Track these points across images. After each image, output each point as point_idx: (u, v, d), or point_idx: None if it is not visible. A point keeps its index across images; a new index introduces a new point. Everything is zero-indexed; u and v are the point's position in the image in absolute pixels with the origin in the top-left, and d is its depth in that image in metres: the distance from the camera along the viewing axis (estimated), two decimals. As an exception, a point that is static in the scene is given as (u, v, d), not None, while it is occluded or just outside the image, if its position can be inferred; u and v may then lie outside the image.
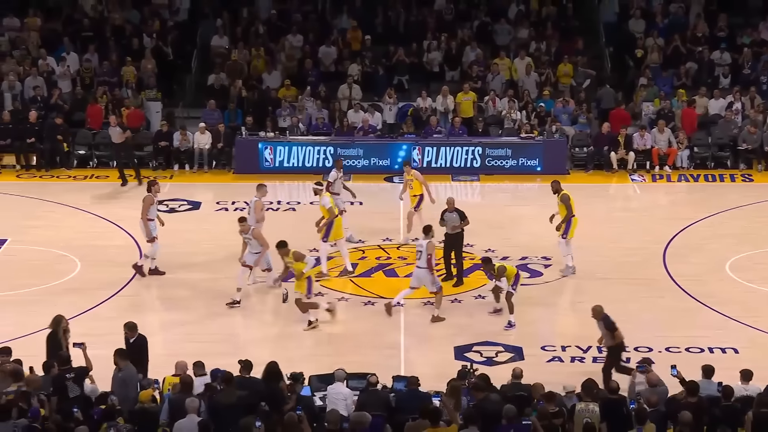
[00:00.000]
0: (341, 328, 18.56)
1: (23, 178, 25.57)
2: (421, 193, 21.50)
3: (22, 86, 27.69)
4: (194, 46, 29.94)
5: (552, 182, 20.63)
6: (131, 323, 15.37)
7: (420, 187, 21.47)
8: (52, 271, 20.18)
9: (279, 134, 26.90)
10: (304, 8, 30.92)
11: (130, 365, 14.27)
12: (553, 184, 20.42)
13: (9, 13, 29.50)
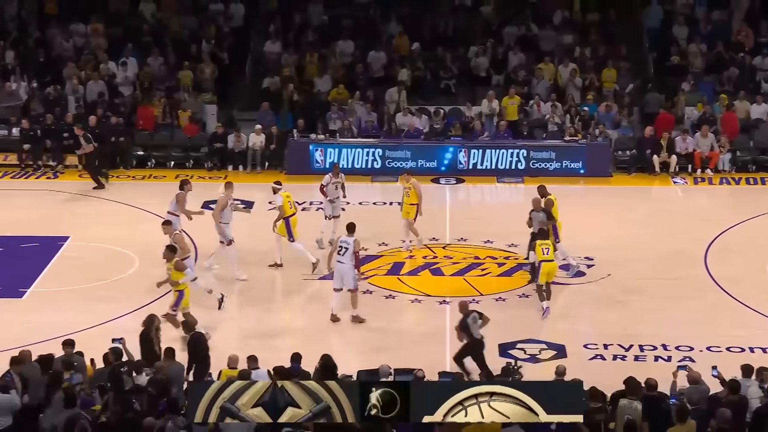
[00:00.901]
0: (389, 324, 18.51)
1: (85, 177, 25.78)
2: (418, 203, 20.88)
3: (84, 90, 27.90)
4: (248, 51, 30.04)
5: (538, 186, 20.68)
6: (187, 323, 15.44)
7: (416, 196, 20.89)
8: (111, 268, 20.33)
9: (329, 136, 26.92)
10: (355, 14, 30.91)
11: (176, 363, 14.32)
12: (540, 189, 20.46)
13: (74, 19, 29.76)
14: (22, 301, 18.97)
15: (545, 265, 18.63)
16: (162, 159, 26.97)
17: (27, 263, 20.48)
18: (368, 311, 18.91)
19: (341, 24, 30.43)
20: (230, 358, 14.76)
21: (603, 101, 28.23)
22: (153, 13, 30.35)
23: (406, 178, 21.26)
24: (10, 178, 25.65)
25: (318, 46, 29.73)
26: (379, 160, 26.48)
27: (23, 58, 28.67)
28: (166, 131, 27.39)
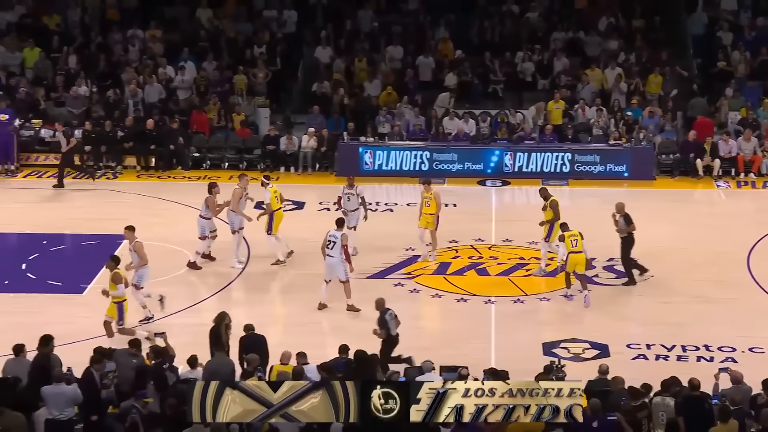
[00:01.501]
0: (435, 323, 18.54)
1: (143, 178, 26.07)
2: (437, 213, 20.41)
3: (142, 93, 28.18)
4: (300, 56, 30.20)
5: (540, 189, 20.79)
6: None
7: (436, 206, 20.40)
8: (167, 265, 20.51)
9: (378, 139, 26.99)
10: (404, 20, 30.96)
11: (222, 356, 14.41)
12: (541, 191, 20.55)
13: (134, 25, 30.10)
14: (82, 296, 19.20)
15: (573, 257, 18.89)
16: (216, 160, 27.19)
17: (87, 260, 20.71)
18: (415, 310, 18.97)
19: (391, 30, 30.49)
20: (283, 355, 14.86)
21: (647, 106, 28.03)
22: (209, 18, 30.61)
23: (427, 187, 20.62)
24: (72, 178, 25.98)
25: (368, 52, 29.81)
26: (426, 163, 26.51)
27: (86, 63, 29.03)
28: (220, 134, 27.62)
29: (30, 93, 27.85)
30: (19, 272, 19.79)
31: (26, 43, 29.24)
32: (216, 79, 28.80)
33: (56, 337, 15.50)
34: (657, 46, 29.94)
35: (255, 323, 15.82)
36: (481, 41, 30.47)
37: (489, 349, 17.33)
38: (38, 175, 26.15)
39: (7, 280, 18.89)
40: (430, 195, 20.46)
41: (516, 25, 30.69)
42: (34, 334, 16.85)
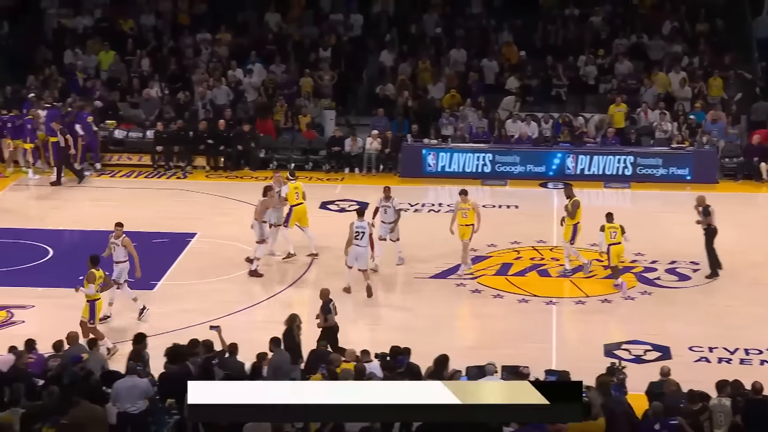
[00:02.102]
0: (496, 323, 18.45)
1: (212, 177, 26.31)
2: (473, 223, 19.89)
3: (211, 95, 28.40)
4: (366, 59, 30.25)
5: (565, 188, 20.67)
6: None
7: (473, 216, 19.94)
8: (234, 263, 20.69)
9: (441, 141, 26.95)
10: (468, 24, 30.87)
11: (282, 351, 14.48)
12: (566, 190, 20.42)
13: (203, 29, 30.39)
14: (153, 292, 19.41)
15: (613, 248, 19.14)
16: (283, 161, 27.34)
17: (158, 257, 20.93)
18: (476, 310, 18.90)
19: (454, 33, 30.42)
20: (347, 352, 14.90)
21: (710, 109, 27.61)
22: (277, 23, 30.80)
23: (464, 198, 20.10)
24: (144, 177, 26.32)
25: (432, 55, 29.76)
26: (489, 165, 26.41)
27: (158, 66, 29.39)
28: (287, 135, 27.78)
29: (105, 95, 28.24)
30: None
31: (102, 47, 29.67)
32: (283, 82, 28.97)
33: (128, 332, 15.80)
34: (721, 49, 29.48)
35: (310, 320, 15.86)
36: (544, 45, 30.27)
37: (550, 350, 17.21)
38: (112, 175, 26.51)
39: (81, 276, 19.09)
40: (468, 206, 19.99)
41: (579, 29, 30.43)
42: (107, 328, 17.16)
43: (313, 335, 15.76)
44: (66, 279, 18.88)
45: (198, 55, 29.76)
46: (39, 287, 19.34)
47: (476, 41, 30.33)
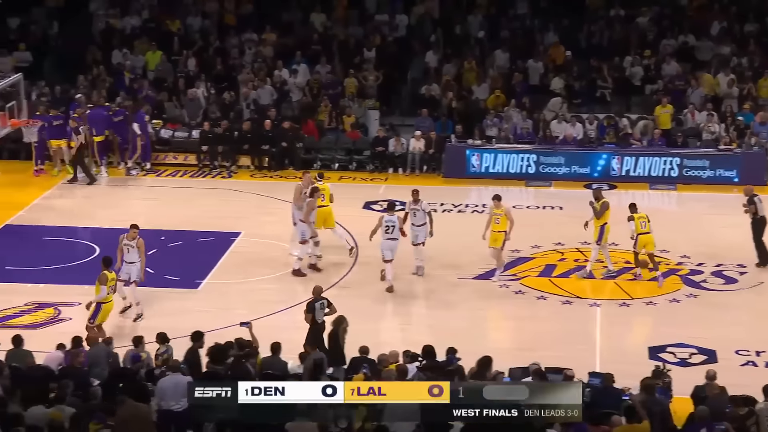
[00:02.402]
0: (540, 324, 18.31)
1: (256, 177, 26.40)
2: (506, 230, 19.58)
3: (256, 95, 28.50)
4: (410, 60, 30.20)
5: (594, 189, 20.58)
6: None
7: (506, 223, 19.64)
8: (278, 262, 20.74)
9: (486, 142, 26.83)
10: (512, 25, 30.71)
11: (317, 353, 14.45)
12: (595, 192, 20.31)
13: (249, 29, 30.51)
14: (197, 291, 19.52)
15: (642, 238, 19.42)
16: (327, 161, 27.37)
17: (202, 256, 21.06)
18: (520, 311, 18.78)
19: (499, 34, 30.27)
20: (390, 354, 14.87)
21: (760, 111, 27.22)
22: (323, 23, 30.86)
23: (497, 204, 19.82)
24: (189, 177, 26.48)
25: (476, 56, 29.65)
26: (533, 166, 26.24)
27: (204, 66, 29.55)
28: (331, 135, 27.80)
29: (152, 95, 28.44)
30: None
31: (149, 47, 29.90)
32: (328, 82, 29.00)
33: (171, 331, 15.85)
34: (770, 49, 29.10)
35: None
36: (589, 45, 30.03)
37: (594, 352, 17.06)
38: (157, 174, 26.68)
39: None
40: (501, 212, 19.69)
41: (625, 30, 30.15)
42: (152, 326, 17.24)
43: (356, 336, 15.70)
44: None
45: (243, 55, 29.88)
46: (85, 285, 19.47)
47: (521, 42, 30.16)
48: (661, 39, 29.66)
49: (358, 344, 15.11)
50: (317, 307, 16.34)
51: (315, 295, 16.49)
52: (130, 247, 18.17)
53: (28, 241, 21.26)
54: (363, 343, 15.09)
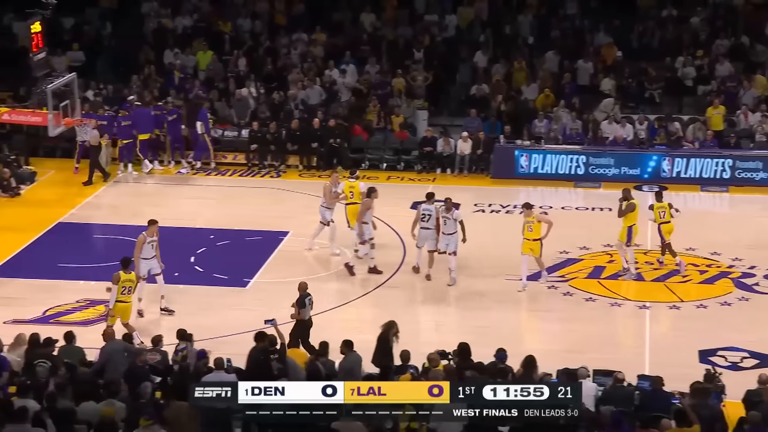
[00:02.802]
0: (588, 326, 18.16)
1: (305, 177, 26.48)
2: (540, 237, 19.10)
3: (304, 95, 28.55)
4: (459, 60, 30.12)
5: (623, 189, 20.32)
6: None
7: (540, 230, 19.08)
8: (326, 262, 20.78)
9: (535, 142, 26.68)
10: (563, 25, 30.51)
11: (354, 354, 14.45)
12: (624, 192, 20.11)
13: (299, 29, 30.60)
14: (245, 290, 19.61)
15: (664, 227, 19.79)
16: (375, 161, 27.38)
17: (251, 255, 21.16)
18: (568, 313, 18.65)
19: (549, 34, 30.08)
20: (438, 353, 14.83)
21: (814, 112, 26.83)
22: (372, 23, 30.88)
23: (528, 212, 19.32)
24: (238, 176, 26.62)
25: (526, 56, 29.49)
26: (582, 167, 26.03)
27: (254, 66, 29.68)
28: (379, 135, 27.81)
29: (202, 94, 28.56)
30: (187, 265, 20.36)
31: (200, 47, 30.10)
32: (376, 82, 29.00)
33: (220, 329, 15.97)
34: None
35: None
36: (641, 46, 29.73)
37: (643, 355, 16.89)
38: (207, 173, 26.86)
39: (177, 272, 19.44)
40: (532, 219, 19.23)
41: (677, 30, 29.82)
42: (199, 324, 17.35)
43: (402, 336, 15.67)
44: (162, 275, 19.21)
45: (293, 55, 29.94)
46: (136, 282, 19.68)
47: (571, 42, 29.95)
48: (714, 39, 29.31)
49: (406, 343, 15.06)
50: (307, 303, 16.40)
51: (301, 291, 16.53)
52: (154, 242, 18.28)
53: (79, 239, 21.50)
54: (410, 343, 15.04)
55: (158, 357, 14.97)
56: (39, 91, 20.91)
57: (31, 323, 17.56)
